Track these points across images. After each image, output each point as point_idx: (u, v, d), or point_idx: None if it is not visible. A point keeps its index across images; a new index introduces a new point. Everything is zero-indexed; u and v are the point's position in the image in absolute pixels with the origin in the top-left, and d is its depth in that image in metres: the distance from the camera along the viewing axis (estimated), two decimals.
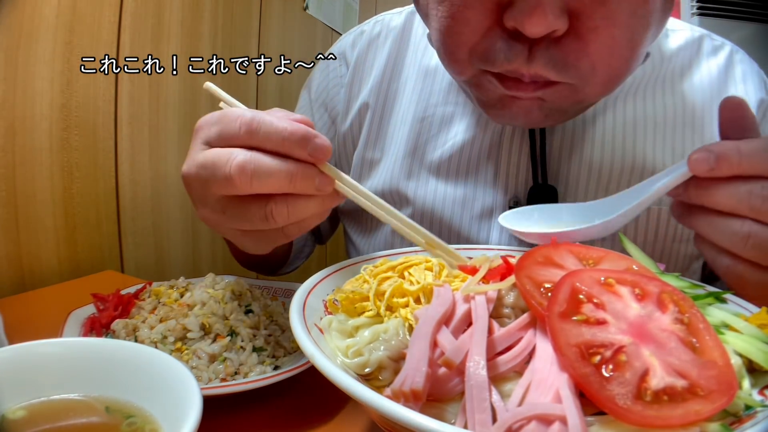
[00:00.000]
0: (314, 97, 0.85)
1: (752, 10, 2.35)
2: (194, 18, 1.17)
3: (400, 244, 0.74)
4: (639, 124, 0.68)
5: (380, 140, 0.77)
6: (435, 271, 0.46)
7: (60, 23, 0.88)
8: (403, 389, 0.32)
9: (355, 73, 0.80)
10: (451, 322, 0.37)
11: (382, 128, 0.77)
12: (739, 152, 0.43)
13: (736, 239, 0.43)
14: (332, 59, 0.83)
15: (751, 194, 0.42)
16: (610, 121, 0.68)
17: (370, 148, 0.77)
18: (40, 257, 0.90)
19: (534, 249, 0.43)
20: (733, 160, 0.43)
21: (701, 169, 0.44)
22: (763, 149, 0.43)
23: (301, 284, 0.46)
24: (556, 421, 0.29)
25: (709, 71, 0.71)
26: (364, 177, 0.78)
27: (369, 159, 0.77)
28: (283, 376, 0.50)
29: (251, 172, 0.44)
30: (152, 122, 1.10)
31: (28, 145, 0.86)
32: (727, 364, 0.32)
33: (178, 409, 0.34)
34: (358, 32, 0.83)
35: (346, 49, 0.82)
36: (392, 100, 0.77)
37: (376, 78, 0.78)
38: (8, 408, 0.36)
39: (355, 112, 0.79)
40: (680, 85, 0.70)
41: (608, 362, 0.31)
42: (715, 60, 0.71)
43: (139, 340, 0.54)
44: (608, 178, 0.66)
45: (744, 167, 0.43)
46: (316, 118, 0.84)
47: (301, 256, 0.91)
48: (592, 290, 0.36)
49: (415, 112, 0.74)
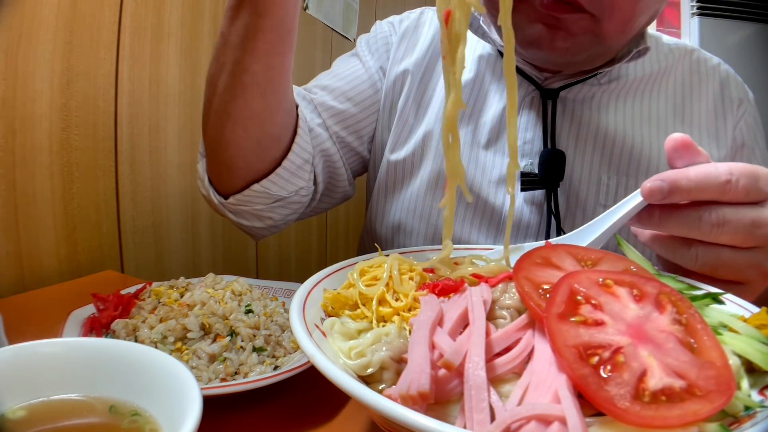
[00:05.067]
0: (370, 55, 0.90)
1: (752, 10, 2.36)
2: (194, 18, 1.17)
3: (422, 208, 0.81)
4: (637, 117, 0.76)
5: (418, 107, 0.83)
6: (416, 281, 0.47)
7: (60, 23, 0.88)
8: (411, 393, 0.32)
9: (401, 40, 0.88)
10: (444, 323, 0.37)
11: (419, 97, 0.84)
12: (689, 179, 0.46)
13: (686, 259, 0.48)
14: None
15: (701, 221, 0.46)
16: (612, 112, 0.76)
17: (407, 110, 0.84)
18: (40, 257, 0.90)
19: (532, 250, 0.43)
20: (684, 187, 0.46)
21: (655, 197, 0.47)
22: (712, 175, 0.46)
23: (301, 284, 0.46)
24: (556, 422, 0.30)
25: (699, 75, 0.81)
26: (401, 140, 0.84)
27: (408, 121, 0.84)
28: (283, 376, 0.50)
29: None
30: (152, 122, 1.10)
31: (28, 145, 0.86)
32: (726, 364, 0.32)
33: (178, 409, 0.34)
34: (406, 15, 0.92)
35: (394, 22, 0.91)
36: (430, 75, 0.84)
37: (420, 53, 0.85)
38: (8, 408, 0.36)
39: (396, 74, 0.86)
40: (674, 84, 0.79)
41: (606, 363, 0.32)
42: (705, 66, 0.82)
43: (139, 340, 0.54)
44: (611, 152, 0.74)
45: (693, 193, 0.46)
46: (372, 58, 0.89)
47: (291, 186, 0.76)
48: (590, 291, 0.36)
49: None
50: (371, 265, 0.49)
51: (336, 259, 0.51)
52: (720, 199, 0.46)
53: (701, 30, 2.27)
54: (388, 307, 0.44)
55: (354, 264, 0.51)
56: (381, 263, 0.49)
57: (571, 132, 0.75)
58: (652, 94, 0.78)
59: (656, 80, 0.79)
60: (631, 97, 0.77)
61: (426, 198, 0.80)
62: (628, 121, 0.75)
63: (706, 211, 0.46)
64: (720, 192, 0.46)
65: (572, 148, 0.74)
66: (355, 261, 0.52)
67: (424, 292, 0.44)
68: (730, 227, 0.46)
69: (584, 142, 0.75)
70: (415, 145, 0.82)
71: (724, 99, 0.80)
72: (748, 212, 0.46)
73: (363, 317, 0.44)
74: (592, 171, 0.74)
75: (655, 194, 0.47)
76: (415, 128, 0.83)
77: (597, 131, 0.75)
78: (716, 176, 0.46)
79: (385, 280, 0.46)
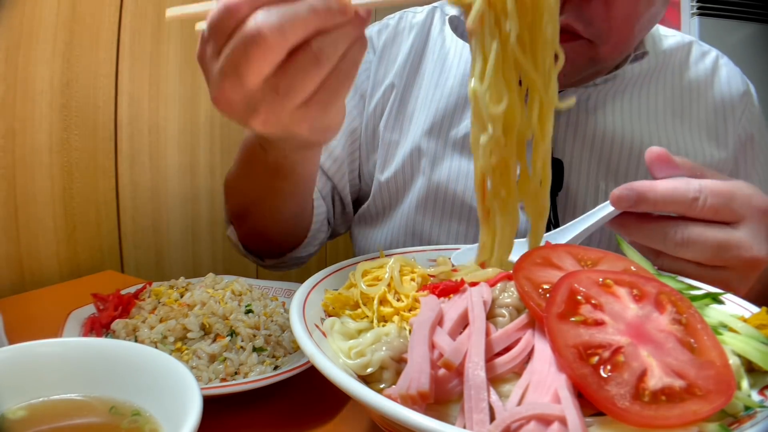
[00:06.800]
0: None
1: (752, 10, 2.36)
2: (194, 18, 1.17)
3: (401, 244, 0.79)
4: (635, 114, 0.75)
5: (399, 121, 0.82)
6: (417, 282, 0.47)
7: (60, 23, 0.88)
8: (410, 392, 0.32)
9: (381, 59, 0.85)
10: (444, 323, 0.37)
11: (401, 110, 0.82)
12: (655, 190, 0.47)
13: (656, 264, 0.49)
14: None
15: (666, 237, 0.48)
16: (609, 112, 0.74)
17: (389, 130, 0.82)
18: (40, 257, 0.90)
19: (532, 250, 0.43)
20: (650, 197, 0.47)
21: (622, 205, 0.49)
22: (680, 190, 0.47)
23: (301, 284, 0.46)
24: (555, 421, 0.30)
25: (696, 71, 0.79)
26: (389, 159, 0.82)
27: (392, 140, 0.82)
28: (283, 376, 0.50)
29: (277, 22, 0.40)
30: (152, 122, 1.10)
31: (28, 145, 0.86)
32: (725, 364, 0.32)
33: (178, 409, 0.34)
34: (384, 24, 0.88)
35: (372, 36, 0.87)
36: (411, 84, 0.83)
37: (401, 63, 0.84)
38: (8, 408, 0.36)
39: (380, 94, 0.84)
40: (672, 81, 0.78)
41: (606, 363, 0.32)
42: (702, 63, 0.80)
43: (139, 340, 0.54)
44: (609, 157, 0.73)
45: (659, 205, 0.47)
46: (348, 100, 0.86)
47: (315, 242, 0.91)
48: (590, 291, 0.36)
49: (434, 95, 0.80)
50: (373, 266, 0.49)
51: (336, 260, 0.52)
52: (687, 215, 0.47)
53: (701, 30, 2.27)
54: (389, 306, 0.44)
55: (354, 264, 0.51)
56: (383, 264, 0.49)
57: (567, 138, 0.73)
58: (650, 91, 0.76)
59: (653, 76, 0.77)
60: (628, 94, 0.75)
61: (417, 216, 0.79)
62: (626, 119, 0.74)
63: (672, 228, 0.48)
64: (686, 208, 0.47)
65: (569, 155, 0.73)
66: (355, 261, 0.52)
67: (425, 293, 0.44)
68: (695, 247, 0.47)
69: (581, 149, 0.73)
70: (404, 161, 0.80)
71: (724, 94, 0.78)
72: (716, 233, 0.47)
73: (363, 317, 0.44)
74: (590, 179, 0.73)
75: (623, 202, 0.49)
76: (402, 144, 0.81)
77: (594, 135, 0.73)
78: (684, 193, 0.47)
79: (387, 281, 0.46)
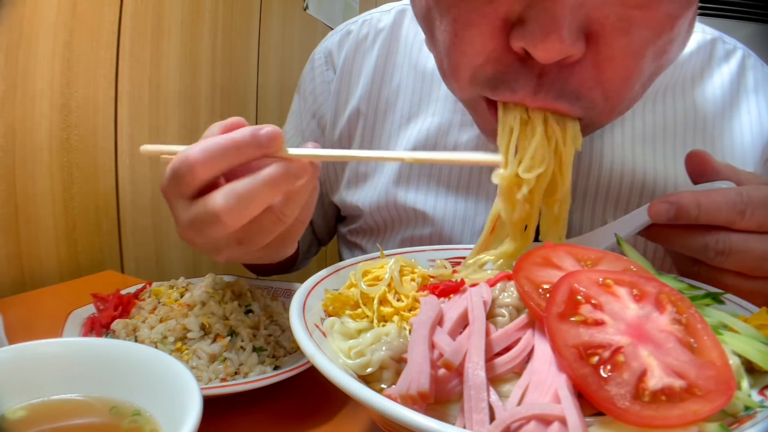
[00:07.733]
0: (303, 104, 0.82)
1: (752, 10, 2.36)
2: (194, 18, 1.17)
3: None
4: (648, 136, 0.64)
5: (374, 150, 0.73)
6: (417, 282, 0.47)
7: (60, 23, 0.88)
8: (410, 392, 0.32)
9: (342, 79, 0.76)
10: (444, 323, 0.37)
11: (375, 137, 0.73)
12: (698, 206, 0.45)
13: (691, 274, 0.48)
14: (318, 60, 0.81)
15: (706, 248, 0.45)
16: (618, 135, 0.64)
17: (363, 164, 0.74)
18: (40, 257, 0.90)
19: (532, 250, 0.43)
20: (692, 214, 0.45)
21: (660, 219, 0.46)
22: (723, 202, 0.44)
23: (301, 284, 0.46)
24: (555, 421, 0.30)
25: (721, 79, 0.67)
26: (359, 189, 0.74)
27: (362, 171, 0.74)
28: (283, 376, 0.50)
29: (235, 204, 0.44)
30: (152, 122, 1.10)
31: (28, 145, 0.86)
32: (726, 364, 0.32)
33: (178, 409, 0.34)
34: (345, 32, 0.78)
35: (332, 50, 0.78)
36: (384, 107, 0.72)
37: (365, 85, 0.73)
38: (8, 408, 0.36)
39: (344, 121, 0.75)
40: (691, 92, 0.66)
41: (606, 363, 0.31)
42: (727, 66, 0.67)
43: (139, 340, 0.54)
44: (617, 194, 0.64)
45: (701, 220, 0.45)
46: (305, 127, 0.82)
47: (309, 255, 0.94)
48: (590, 291, 0.36)
49: (413, 120, 0.70)
50: (373, 266, 0.49)
51: (336, 260, 0.52)
52: (730, 227, 0.44)
53: None
54: (389, 306, 0.44)
55: (354, 264, 0.51)
56: (383, 265, 0.49)
57: None
58: (656, 110, 0.64)
59: (658, 93, 0.65)
60: (629, 119, 0.64)
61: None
62: (627, 145, 0.64)
63: (712, 238, 0.45)
64: (731, 222, 0.44)
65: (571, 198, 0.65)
66: (356, 261, 0.52)
67: (425, 293, 0.44)
68: (737, 257, 0.44)
69: (584, 189, 0.64)
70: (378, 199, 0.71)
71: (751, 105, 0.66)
72: (759, 243, 0.44)
73: (364, 317, 0.44)
74: (595, 218, 0.64)
75: (661, 216, 0.46)
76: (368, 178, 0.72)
77: (600, 171, 0.64)
78: (730, 206, 0.43)
79: (387, 281, 0.46)
